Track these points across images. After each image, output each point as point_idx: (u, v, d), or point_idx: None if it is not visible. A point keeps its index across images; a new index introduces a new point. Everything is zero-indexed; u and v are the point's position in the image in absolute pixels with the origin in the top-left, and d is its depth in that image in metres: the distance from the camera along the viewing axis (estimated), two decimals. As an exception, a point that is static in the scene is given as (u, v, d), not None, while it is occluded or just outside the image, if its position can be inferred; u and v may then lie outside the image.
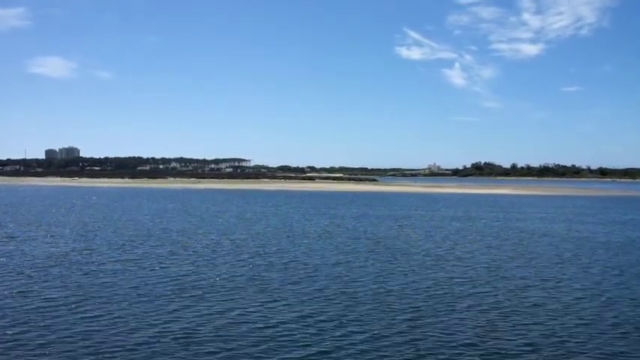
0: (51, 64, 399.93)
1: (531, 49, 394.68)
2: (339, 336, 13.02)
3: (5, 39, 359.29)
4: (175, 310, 15.02)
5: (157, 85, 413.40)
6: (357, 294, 17.18)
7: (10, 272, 19.77)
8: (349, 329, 13.53)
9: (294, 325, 13.77)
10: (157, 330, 13.23)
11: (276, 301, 16.20)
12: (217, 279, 19.10)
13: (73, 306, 15.23)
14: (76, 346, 11.98)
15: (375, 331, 13.38)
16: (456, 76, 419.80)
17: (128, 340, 12.48)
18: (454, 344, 12.57)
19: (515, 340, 12.94)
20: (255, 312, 14.94)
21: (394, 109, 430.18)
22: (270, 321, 14.12)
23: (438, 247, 28.09)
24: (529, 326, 14.02)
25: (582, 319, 14.79)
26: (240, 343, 12.43)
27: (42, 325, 13.48)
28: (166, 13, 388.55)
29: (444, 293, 17.48)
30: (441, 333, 13.36)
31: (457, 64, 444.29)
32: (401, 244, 28.73)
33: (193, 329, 13.33)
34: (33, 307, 15.08)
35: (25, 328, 13.17)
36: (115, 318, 14.16)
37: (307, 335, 13.05)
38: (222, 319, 14.18)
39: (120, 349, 11.90)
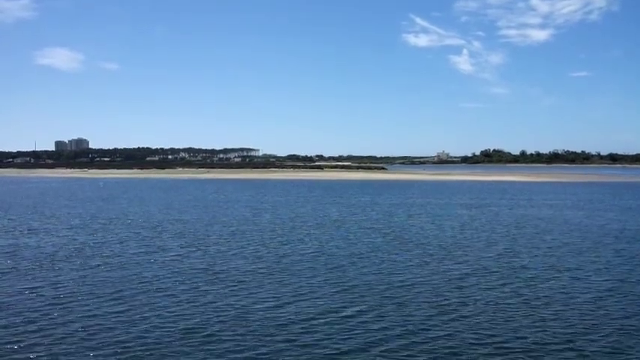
0: (58, 55, 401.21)
1: (540, 35, 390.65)
2: (350, 330, 13.05)
3: (11, 31, 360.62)
4: (188, 303, 15.08)
5: (164, 76, 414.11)
6: (369, 286, 17.17)
7: (24, 266, 19.95)
8: (359, 320, 13.54)
9: (307, 318, 13.79)
10: (171, 324, 13.30)
11: (289, 293, 16.23)
12: (229, 272, 19.15)
13: (84, 300, 15.35)
14: (88, 340, 12.08)
15: (386, 325, 13.39)
16: (463, 63, 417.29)
17: (142, 334, 12.56)
18: (468, 339, 12.54)
19: (529, 334, 12.91)
20: (268, 305, 14.96)
21: (402, 96, 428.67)
22: (283, 314, 14.16)
23: (451, 236, 28.00)
24: (540, 319, 13.97)
25: (594, 310, 14.72)
26: (252, 337, 12.48)
27: (54, 319, 13.59)
28: (173, 4, 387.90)
29: (457, 285, 17.42)
30: (454, 327, 13.33)
31: (465, 51, 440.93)
32: (413, 234, 28.66)
33: (206, 322, 13.38)
34: (45, 301, 15.19)
35: (35, 324, 13.27)
36: (127, 312, 14.22)
37: (321, 328, 13.08)
38: (236, 312, 14.21)
39: (133, 343, 11.97)
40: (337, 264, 20.39)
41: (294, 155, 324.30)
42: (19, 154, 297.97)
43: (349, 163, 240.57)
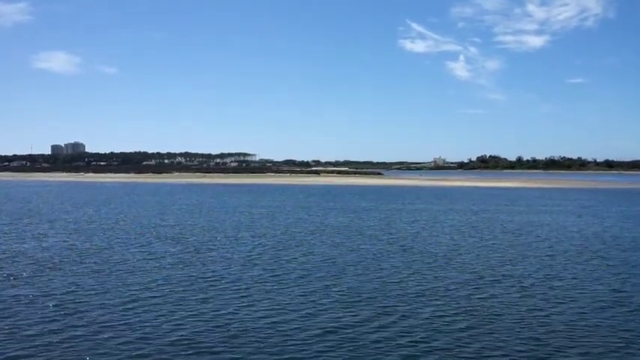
0: (55, 59, 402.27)
1: (536, 41, 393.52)
2: (343, 339, 12.95)
3: (9, 34, 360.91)
4: (182, 311, 14.96)
5: (162, 80, 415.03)
6: (364, 295, 17.04)
7: (17, 273, 19.79)
8: (353, 329, 13.44)
9: (300, 328, 13.68)
10: (164, 333, 13.18)
11: (283, 301, 16.10)
12: (224, 279, 19.00)
13: (78, 307, 15.23)
14: (79, 346, 11.96)
15: (381, 334, 13.29)
16: (460, 69, 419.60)
17: (134, 342, 12.43)
18: (460, 350, 12.47)
19: (521, 344, 12.83)
20: (263, 314, 14.83)
21: (399, 102, 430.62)
22: (276, 323, 14.05)
23: (447, 243, 27.84)
24: (533, 328, 13.90)
25: (588, 321, 14.64)
26: (249, 346, 12.38)
27: (46, 326, 13.45)
28: (171, 9, 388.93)
29: (452, 294, 17.31)
30: (447, 336, 13.26)
31: (461, 57, 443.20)
32: (409, 241, 28.54)
33: (199, 332, 13.25)
34: (48, 308, 15.06)
35: (24, 332, 13.13)
36: (127, 323, 14.09)
37: (311, 335, 12.97)
38: (227, 321, 14.08)
39: (117, 350, 11.84)
40: (333, 271, 20.26)
41: (290, 160, 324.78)
42: (16, 157, 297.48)
43: (346, 169, 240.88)
